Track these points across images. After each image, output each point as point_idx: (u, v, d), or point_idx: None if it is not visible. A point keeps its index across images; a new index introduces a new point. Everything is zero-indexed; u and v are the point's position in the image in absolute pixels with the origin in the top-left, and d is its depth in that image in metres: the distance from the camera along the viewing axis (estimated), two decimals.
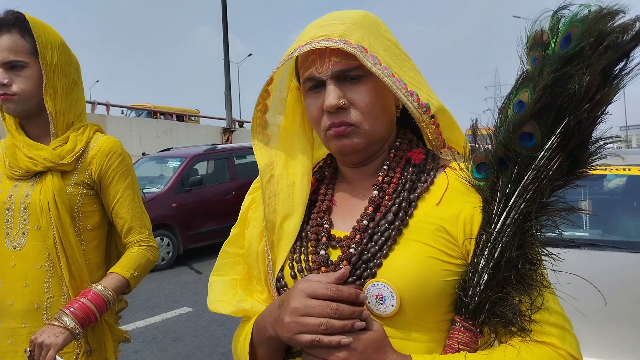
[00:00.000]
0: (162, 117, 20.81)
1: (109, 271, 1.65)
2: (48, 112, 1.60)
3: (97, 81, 52.00)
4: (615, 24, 0.78)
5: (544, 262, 0.86)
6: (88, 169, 1.65)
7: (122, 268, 1.65)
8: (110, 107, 16.75)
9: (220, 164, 9.49)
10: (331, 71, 0.90)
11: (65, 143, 1.62)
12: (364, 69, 0.89)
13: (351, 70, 0.90)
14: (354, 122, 0.91)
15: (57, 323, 1.48)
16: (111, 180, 1.67)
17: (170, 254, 8.02)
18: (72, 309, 1.51)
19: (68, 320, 1.49)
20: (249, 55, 43.40)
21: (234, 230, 1.12)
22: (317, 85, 0.93)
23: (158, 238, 7.87)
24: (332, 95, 0.89)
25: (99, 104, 15.95)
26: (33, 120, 1.64)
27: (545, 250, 0.85)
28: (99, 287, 1.58)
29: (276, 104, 1.05)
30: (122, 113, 20.59)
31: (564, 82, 0.79)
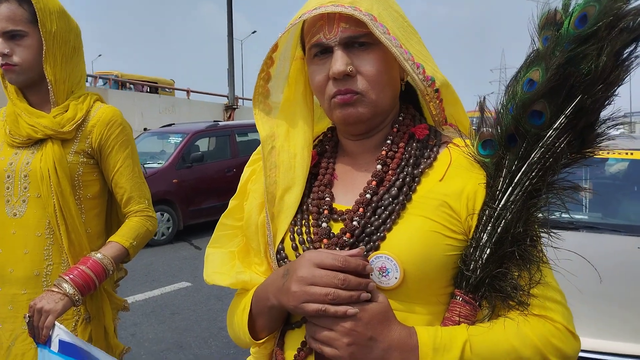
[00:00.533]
0: (131, 87, 19.21)
1: (109, 240, 1.66)
2: (48, 80, 1.59)
3: (100, 55, 51.75)
4: (630, 6, 0.78)
5: (543, 240, 0.87)
6: (88, 138, 1.65)
7: (122, 237, 1.66)
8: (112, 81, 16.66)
9: (222, 140, 9.47)
10: (340, 37, 0.88)
11: (66, 111, 1.62)
12: (372, 37, 0.88)
13: (360, 37, 0.88)
14: (360, 90, 0.89)
15: (56, 289, 1.49)
16: (111, 150, 1.67)
17: (170, 229, 8.06)
18: (71, 276, 1.51)
19: (68, 287, 1.50)
20: (253, 33, 43.05)
21: (232, 202, 1.10)
22: (324, 52, 0.91)
23: (158, 213, 7.91)
24: (339, 62, 0.87)
25: (101, 77, 15.85)
26: (34, 88, 1.63)
27: (545, 228, 0.86)
28: (99, 255, 1.59)
29: (279, 72, 1.03)
30: (87, 82, 18.28)
31: (577, 62, 0.79)
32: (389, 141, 0.95)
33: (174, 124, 11.16)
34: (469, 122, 1.02)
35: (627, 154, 3.39)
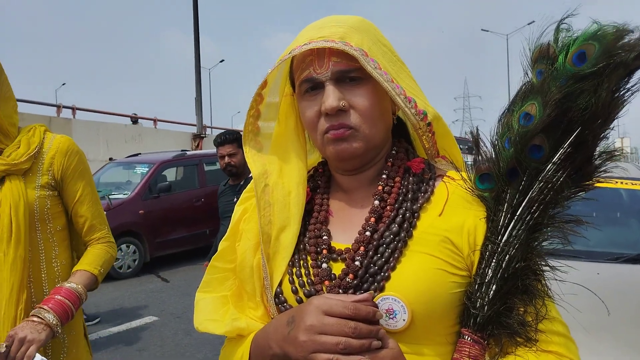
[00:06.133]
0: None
1: (76, 269, 1.65)
2: None
3: (64, 84, 50.85)
4: (625, 42, 0.79)
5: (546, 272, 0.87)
6: (50, 170, 1.63)
7: (89, 265, 1.65)
8: (77, 111, 16.34)
9: (190, 170, 9.39)
10: (331, 71, 0.87)
11: (18, 148, 1.58)
12: (363, 72, 0.87)
13: (351, 72, 0.88)
14: (353, 125, 0.88)
15: (37, 319, 1.46)
16: (71, 179, 1.67)
17: (136, 262, 7.88)
18: (50, 305, 1.49)
19: (50, 317, 1.47)
20: (221, 62, 43.20)
21: (223, 244, 1.05)
22: (315, 87, 0.90)
23: (124, 245, 7.72)
24: (332, 97, 0.86)
25: (64, 107, 15.54)
26: None
27: (548, 261, 0.85)
28: (72, 284, 1.57)
29: (269, 109, 1.01)
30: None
31: (575, 98, 0.80)
32: (384, 176, 0.94)
33: (140, 153, 11.01)
34: (460, 154, 1.02)
35: None
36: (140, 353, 4.69)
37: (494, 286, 0.82)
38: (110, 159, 11.63)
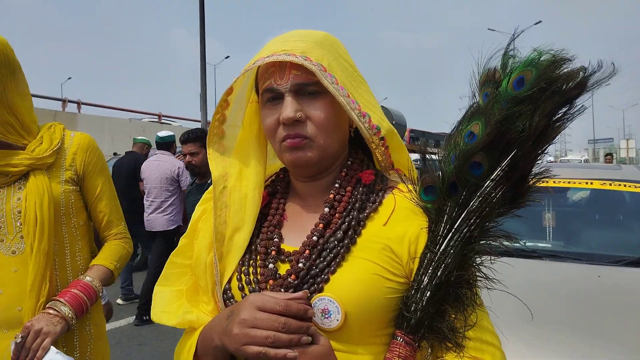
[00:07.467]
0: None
1: (92, 263, 1.68)
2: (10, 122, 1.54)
3: (70, 78, 50.99)
4: (563, 72, 0.86)
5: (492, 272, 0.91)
6: (73, 165, 1.66)
7: (106, 260, 1.68)
8: (82, 106, 16.41)
9: None
10: (290, 84, 0.92)
11: (41, 143, 1.61)
12: (322, 86, 0.92)
13: (310, 85, 0.93)
14: (309, 135, 0.93)
15: (53, 312, 1.48)
16: (92, 175, 1.71)
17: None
18: (66, 298, 1.51)
19: (66, 310, 1.49)
20: (226, 58, 43.18)
21: (182, 241, 1.11)
22: (275, 98, 0.95)
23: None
24: (289, 108, 0.91)
25: (69, 101, 15.61)
26: None
27: (481, 272, 0.90)
28: (88, 278, 1.61)
29: (234, 114, 1.06)
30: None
31: (514, 120, 0.86)
32: (337, 185, 0.99)
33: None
34: (414, 168, 1.06)
35: (587, 183, 3.51)
36: (140, 347, 4.72)
37: (428, 292, 0.86)
38: (115, 153, 11.66)
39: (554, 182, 3.50)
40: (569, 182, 3.51)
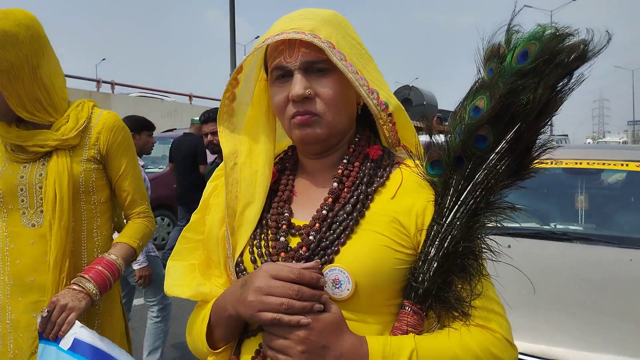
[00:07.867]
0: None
1: (116, 241, 1.73)
2: (38, 101, 1.59)
3: (104, 59, 51.96)
4: (566, 45, 0.88)
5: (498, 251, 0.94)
6: (96, 144, 1.70)
7: (129, 238, 1.73)
8: (115, 86, 16.70)
9: None
10: (300, 61, 0.94)
11: (67, 122, 1.65)
12: (331, 63, 0.94)
13: (318, 63, 0.94)
14: (318, 112, 0.95)
15: (78, 288, 1.53)
16: (116, 154, 1.73)
17: (170, 234, 8.07)
18: (91, 275, 1.56)
19: (91, 286, 1.54)
20: (256, 38, 43.15)
21: (194, 216, 1.14)
22: (285, 75, 0.96)
23: (159, 218, 7.93)
24: (298, 85, 0.93)
25: (103, 82, 15.91)
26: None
27: (486, 244, 0.93)
28: (112, 255, 1.65)
29: (244, 92, 1.08)
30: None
31: (518, 93, 0.87)
32: (345, 160, 1.01)
33: (175, 128, 11.19)
34: (420, 144, 1.07)
35: (622, 165, 3.40)
36: (172, 322, 4.83)
37: (436, 263, 0.89)
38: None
39: (588, 163, 3.41)
40: (604, 164, 3.42)
